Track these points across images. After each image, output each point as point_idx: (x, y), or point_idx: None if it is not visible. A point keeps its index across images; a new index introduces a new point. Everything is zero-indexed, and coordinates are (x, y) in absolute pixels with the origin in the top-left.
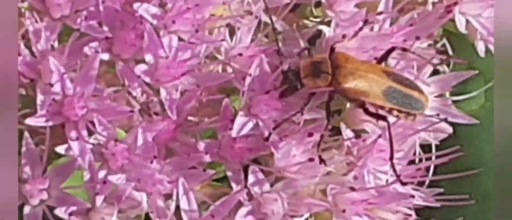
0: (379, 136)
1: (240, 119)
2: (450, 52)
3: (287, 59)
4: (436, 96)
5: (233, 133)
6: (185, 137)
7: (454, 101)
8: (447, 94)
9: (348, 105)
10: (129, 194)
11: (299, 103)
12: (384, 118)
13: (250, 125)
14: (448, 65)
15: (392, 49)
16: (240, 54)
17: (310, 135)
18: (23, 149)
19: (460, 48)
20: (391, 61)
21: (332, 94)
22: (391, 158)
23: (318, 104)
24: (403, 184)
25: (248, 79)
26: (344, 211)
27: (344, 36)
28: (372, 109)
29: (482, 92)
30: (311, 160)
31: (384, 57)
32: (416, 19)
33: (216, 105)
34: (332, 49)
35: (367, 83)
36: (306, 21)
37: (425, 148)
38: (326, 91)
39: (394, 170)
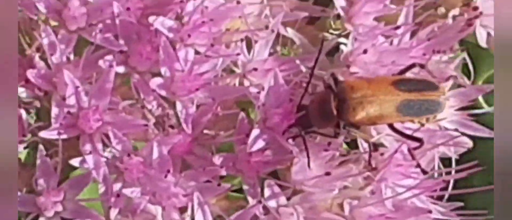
0: (396, 151)
1: (255, 132)
2: (470, 66)
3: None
4: (456, 110)
5: (248, 148)
6: (201, 150)
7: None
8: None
9: None
10: (144, 207)
11: None
12: (417, 139)
13: (265, 138)
14: (468, 78)
15: (412, 65)
16: (255, 69)
17: (326, 149)
18: (38, 161)
19: (481, 60)
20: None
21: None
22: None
23: None
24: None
25: (262, 93)
26: None
27: (365, 51)
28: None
29: None
30: (327, 173)
31: (403, 73)
32: (436, 32)
33: (232, 118)
34: (335, 80)
35: (378, 106)
36: (325, 34)
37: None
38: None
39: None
